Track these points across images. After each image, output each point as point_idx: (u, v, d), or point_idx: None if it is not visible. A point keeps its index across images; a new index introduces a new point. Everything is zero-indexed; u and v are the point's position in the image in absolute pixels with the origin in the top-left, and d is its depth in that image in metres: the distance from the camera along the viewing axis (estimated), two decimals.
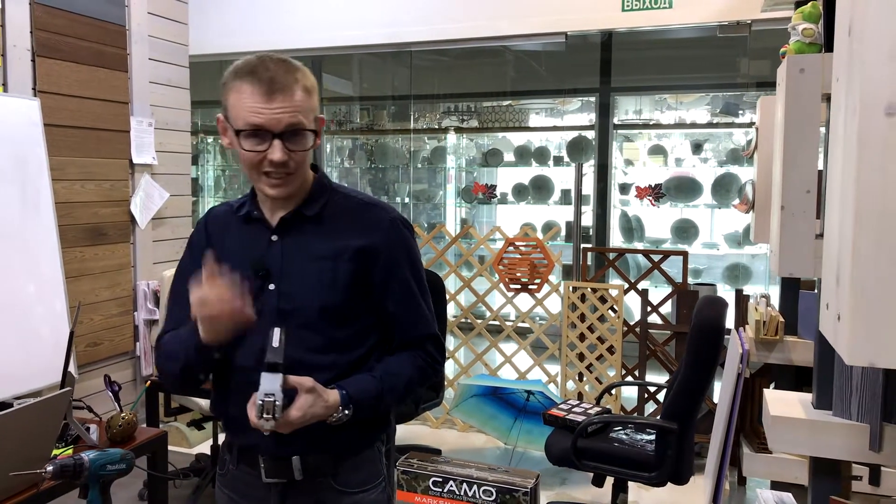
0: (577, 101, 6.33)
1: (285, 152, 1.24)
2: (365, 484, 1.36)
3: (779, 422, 1.98)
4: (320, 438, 1.30)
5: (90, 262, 3.67)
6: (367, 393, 1.29)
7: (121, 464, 1.27)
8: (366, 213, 1.36)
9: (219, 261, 1.32)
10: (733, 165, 5.69)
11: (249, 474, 1.35)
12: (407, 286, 1.37)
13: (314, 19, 4.60)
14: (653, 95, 5.98)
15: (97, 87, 3.66)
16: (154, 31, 4.03)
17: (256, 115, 1.22)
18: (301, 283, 1.31)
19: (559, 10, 3.74)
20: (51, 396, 1.52)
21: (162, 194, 4.07)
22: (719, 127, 5.75)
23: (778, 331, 2.93)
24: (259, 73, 1.22)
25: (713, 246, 5.94)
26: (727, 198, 5.71)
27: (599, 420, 2.74)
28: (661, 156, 5.91)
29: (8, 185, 3.07)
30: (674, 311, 3.79)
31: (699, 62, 5.28)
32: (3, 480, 1.52)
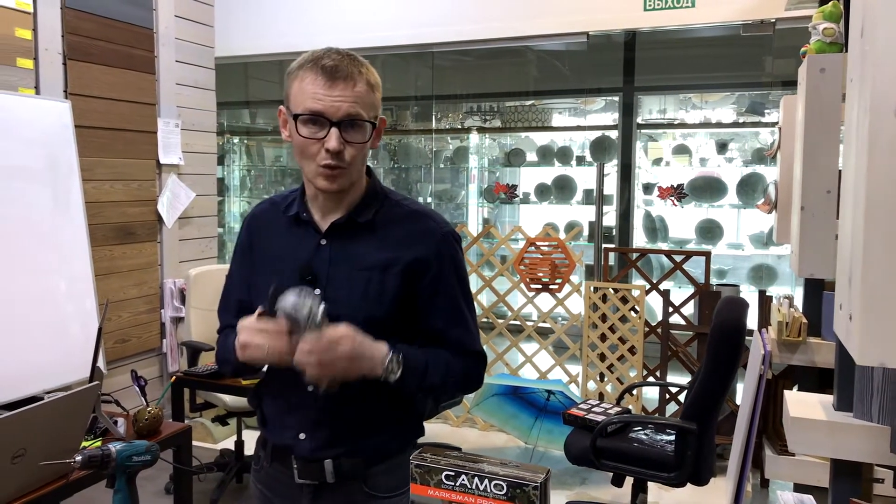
0: (601, 101, 6.30)
1: (341, 142, 1.21)
2: (395, 489, 1.34)
3: (798, 423, 1.97)
4: (354, 442, 1.31)
5: (119, 261, 3.75)
6: (415, 357, 1.28)
7: (146, 455, 1.30)
8: (418, 225, 1.34)
9: (263, 263, 1.36)
10: (759, 165, 5.63)
11: (282, 473, 1.36)
12: (455, 302, 1.35)
13: (336, 21, 4.65)
14: (677, 95, 5.94)
15: (126, 89, 3.74)
16: (181, 34, 4.11)
17: (316, 100, 1.20)
18: (348, 291, 1.29)
19: (581, 9, 3.74)
20: (79, 390, 1.57)
21: (188, 194, 4.15)
22: (745, 126, 5.69)
23: (801, 332, 2.91)
24: (323, 61, 1.21)
25: (738, 246, 5.88)
26: (753, 198, 5.65)
27: (618, 420, 2.74)
28: (685, 155, 5.87)
29: (40, 185, 3.15)
30: (696, 311, 3.76)
31: (724, 61, 5.23)
32: (36, 470, 1.57)
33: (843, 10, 1.90)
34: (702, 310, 3.66)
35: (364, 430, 1.30)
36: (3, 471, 1.47)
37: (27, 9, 3.21)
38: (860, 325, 0.96)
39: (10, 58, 3.16)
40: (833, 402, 2.04)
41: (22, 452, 1.48)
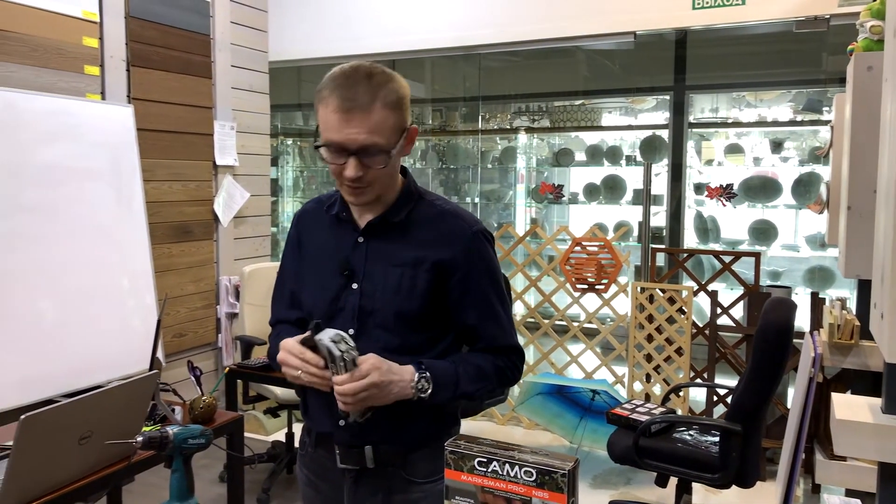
0: (651, 100, 6.24)
1: (360, 168, 1.28)
2: (432, 475, 1.40)
3: (844, 426, 1.95)
4: (393, 430, 1.37)
5: (177, 258, 3.92)
6: (444, 371, 1.33)
7: (200, 439, 1.39)
8: (448, 224, 1.39)
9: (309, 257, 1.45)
10: (816, 164, 5.49)
11: (326, 458, 1.43)
12: (487, 300, 1.40)
13: (386, 25, 4.73)
14: (730, 93, 5.83)
15: (184, 93, 3.90)
16: (236, 40, 4.25)
17: (335, 132, 1.27)
18: (382, 285, 1.36)
19: (628, 9, 3.72)
20: (140, 378, 1.67)
21: (243, 194, 4.29)
22: (801, 125, 5.55)
23: (853, 335, 2.85)
24: (344, 89, 1.26)
25: (794, 248, 5.75)
26: (808, 198, 5.51)
27: (662, 420, 2.74)
28: (738, 155, 5.76)
29: (106, 186, 3.32)
30: (745, 313, 3.71)
31: (778, 58, 5.12)
32: (101, 451, 1.68)
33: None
34: (751, 311, 3.61)
35: (401, 418, 1.35)
36: (71, 451, 1.58)
37: (94, 18, 3.39)
38: (890, 323, 0.97)
39: (79, 65, 3.33)
40: (882, 404, 2.00)
41: (89, 434, 1.58)
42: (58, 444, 1.54)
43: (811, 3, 3.31)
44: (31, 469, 1.49)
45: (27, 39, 3.10)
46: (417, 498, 1.39)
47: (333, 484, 1.44)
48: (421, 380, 1.30)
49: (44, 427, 1.47)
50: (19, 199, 2.94)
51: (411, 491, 1.39)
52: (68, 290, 3.07)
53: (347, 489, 1.42)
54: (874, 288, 1.18)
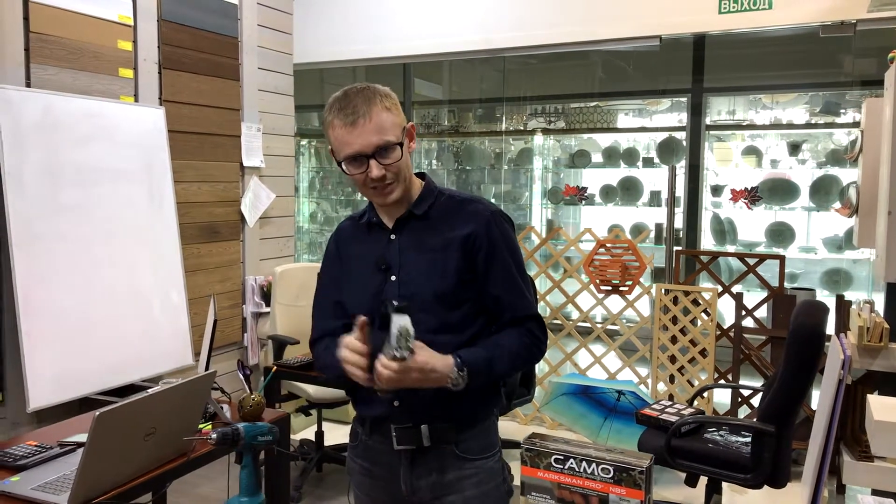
0: (667, 102, 6.26)
1: (381, 167, 1.43)
2: (484, 452, 1.50)
3: (882, 427, 1.98)
4: (444, 408, 1.46)
5: (205, 258, 3.96)
6: (479, 358, 1.44)
7: (268, 436, 1.43)
8: (467, 207, 1.54)
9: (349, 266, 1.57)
10: (833, 167, 5.51)
11: (381, 443, 1.52)
12: (508, 271, 1.52)
13: (407, 28, 4.78)
14: (747, 95, 5.85)
15: (213, 95, 3.95)
16: (263, 42, 4.30)
17: (348, 145, 1.42)
18: (417, 272, 1.49)
19: (654, 13, 3.75)
20: (199, 377, 1.71)
21: (269, 195, 4.34)
22: (818, 127, 5.57)
23: (882, 337, 2.88)
24: (344, 108, 1.42)
25: (811, 250, 5.76)
26: (826, 200, 5.53)
27: (694, 420, 2.77)
28: (755, 157, 5.78)
29: (138, 185, 3.37)
30: (769, 315, 3.74)
31: (795, 60, 5.14)
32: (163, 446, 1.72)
33: None
34: (775, 313, 3.64)
35: (447, 396, 1.43)
36: (138, 447, 1.62)
37: (128, 22, 3.44)
38: None
39: (113, 68, 3.38)
40: None
41: (153, 430, 1.63)
42: (126, 439, 1.58)
43: (839, 8, 3.33)
44: (101, 464, 1.54)
45: (66, 43, 3.15)
46: (470, 474, 1.48)
47: (388, 468, 1.52)
48: (458, 378, 1.40)
49: (116, 423, 1.51)
50: (58, 199, 2.99)
51: (465, 468, 1.48)
52: (103, 290, 3.11)
53: (404, 470, 1.50)
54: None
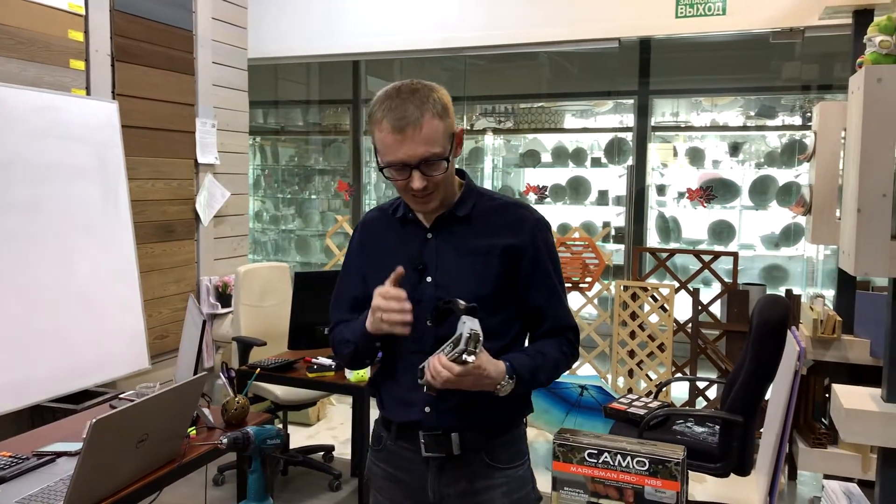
0: (610, 103, 6.40)
1: (423, 179, 1.37)
2: (513, 461, 1.47)
3: (852, 415, 2.08)
4: (476, 416, 1.43)
5: (160, 258, 3.83)
6: (526, 367, 1.42)
7: (276, 439, 1.39)
8: (511, 214, 1.49)
9: (377, 258, 1.51)
10: (771, 167, 5.77)
11: (408, 449, 1.47)
12: (550, 282, 1.50)
13: (365, 24, 4.73)
14: (689, 98, 6.05)
15: (167, 89, 3.81)
16: (217, 36, 4.18)
17: (394, 153, 1.36)
18: (456, 275, 1.44)
19: (613, 16, 3.84)
20: (190, 381, 1.65)
21: (224, 193, 4.22)
22: (761, 129, 5.80)
23: (835, 329, 3.03)
24: (394, 109, 1.35)
25: (750, 247, 6.00)
26: (764, 200, 5.78)
27: (665, 412, 2.85)
28: (697, 158, 5.99)
29: (91, 183, 3.23)
30: (723, 310, 3.88)
31: (737, 65, 5.35)
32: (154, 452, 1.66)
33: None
34: (730, 308, 3.78)
35: (483, 403, 1.40)
36: (130, 454, 1.55)
37: (80, 11, 3.28)
38: None
39: (64, 59, 3.23)
40: (882, 394, 2.15)
41: (145, 437, 1.56)
42: (120, 446, 1.51)
43: (790, 15, 3.48)
44: (95, 473, 1.46)
45: (13, 32, 2.99)
46: (500, 483, 1.45)
47: (415, 474, 1.48)
48: (507, 384, 1.37)
49: (111, 430, 1.44)
50: (5, 196, 2.83)
51: (494, 476, 1.45)
52: (53, 292, 2.97)
53: (431, 477, 1.46)
54: None
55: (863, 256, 2.02)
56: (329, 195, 7.10)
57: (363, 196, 6.53)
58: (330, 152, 6.94)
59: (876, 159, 2.00)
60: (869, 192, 2.01)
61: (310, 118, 6.92)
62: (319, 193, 7.15)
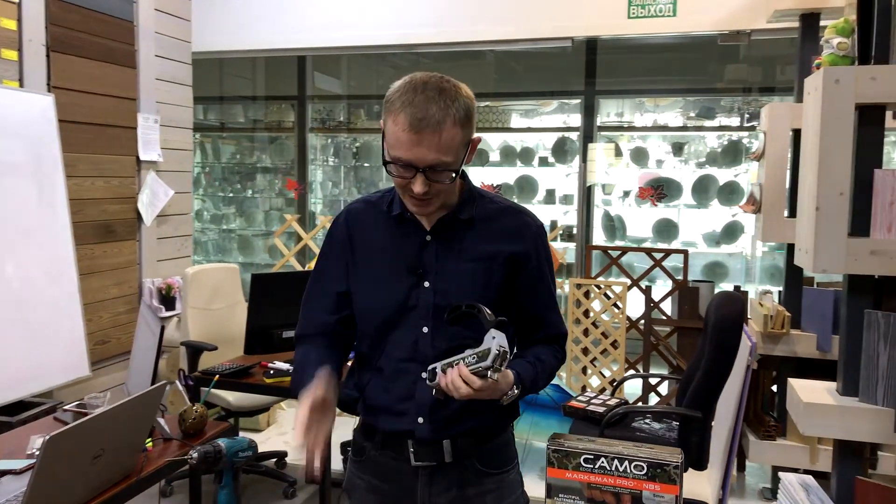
0: (555, 103, 6.46)
1: (426, 185, 1.29)
2: (504, 465, 1.43)
3: (811, 409, 2.13)
4: (470, 423, 1.38)
5: (100, 260, 3.65)
6: (529, 375, 1.38)
7: (248, 451, 1.32)
8: (514, 219, 1.44)
9: (366, 255, 1.42)
10: (712, 167, 5.93)
11: (394, 458, 1.41)
12: (550, 291, 1.47)
13: (312, 19, 4.62)
14: (633, 98, 6.16)
15: (107, 83, 3.63)
16: (160, 28, 4.01)
17: (404, 150, 1.27)
18: (457, 282, 1.38)
19: (567, 16, 3.86)
20: (149, 391, 1.55)
21: (167, 191, 4.06)
22: (707, 130, 5.95)
23: (784, 324, 3.11)
24: (416, 105, 1.25)
25: (692, 245, 6.15)
26: (706, 198, 5.94)
27: (626, 409, 2.87)
28: (642, 157, 6.11)
29: (25, 181, 3.04)
30: (674, 307, 3.94)
31: (680, 67, 5.47)
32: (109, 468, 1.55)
33: (854, 26, 2.06)
34: (681, 305, 3.84)
35: (476, 410, 1.36)
36: (85, 471, 1.44)
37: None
38: None
39: None
40: (838, 387, 2.21)
41: (101, 452, 1.45)
42: (74, 464, 1.40)
43: (737, 18, 3.57)
44: (48, 493, 1.35)
45: None
46: (491, 488, 1.41)
47: (402, 484, 1.41)
48: (514, 394, 1.33)
49: (65, 447, 1.34)
50: None
51: (485, 482, 1.41)
52: None
53: (421, 486, 1.40)
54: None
55: (821, 254, 2.07)
56: (273, 194, 6.94)
57: (308, 195, 6.40)
58: (273, 150, 6.78)
59: (834, 159, 2.05)
60: (827, 191, 2.06)
61: (251, 114, 6.75)
62: (262, 192, 6.98)
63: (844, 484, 2.14)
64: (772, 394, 3.42)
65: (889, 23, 2.02)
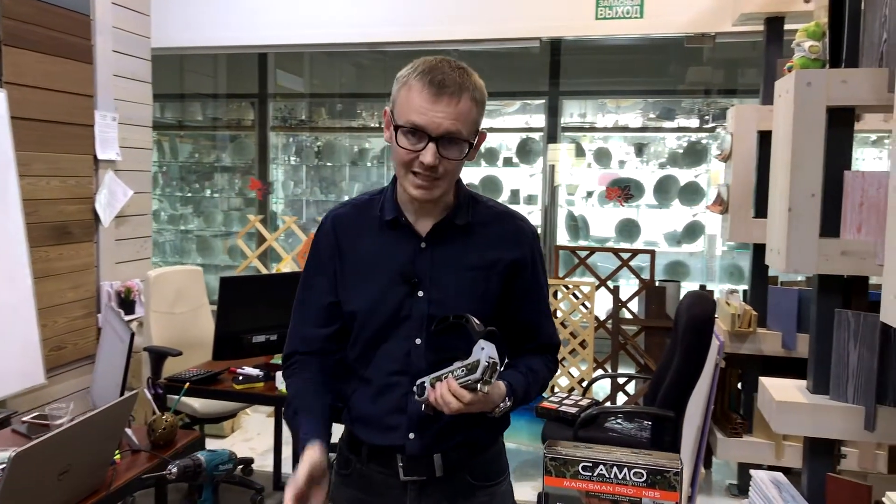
0: (517, 103, 6.48)
1: (437, 157, 1.24)
2: (496, 477, 1.40)
3: (784, 407, 2.16)
4: (461, 436, 1.34)
5: (55, 262, 3.50)
6: (521, 386, 1.34)
7: (228, 464, 1.27)
8: (510, 225, 1.39)
9: (356, 265, 1.36)
10: (673, 168, 6.02)
11: (382, 473, 1.35)
12: (544, 298, 1.44)
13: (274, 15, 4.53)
14: (595, 99, 6.22)
15: (63, 79, 3.49)
16: (118, 23, 3.88)
17: (419, 114, 1.22)
18: (453, 292, 1.32)
19: (535, 16, 3.85)
20: (118, 401, 1.48)
21: (126, 192, 3.93)
22: (665, 131, 6.03)
23: (751, 323, 3.15)
24: (433, 73, 1.23)
25: (653, 244, 6.23)
26: (667, 198, 6.03)
27: (599, 410, 2.87)
28: (604, 158, 6.17)
29: None
30: (642, 306, 3.98)
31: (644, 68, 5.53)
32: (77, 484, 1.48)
33: (825, 30, 2.09)
34: (648, 304, 3.88)
35: (468, 422, 1.32)
36: (51, 488, 1.36)
37: None
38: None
39: None
40: (808, 385, 2.24)
41: (68, 468, 1.38)
42: (40, 481, 1.32)
43: (703, 21, 3.61)
44: None
45: None
46: (482, 501, 1.38)
47: (390, 498, 1.36)
48: (505, 406, 1.30)
49: (31, 463, 1.26)
50: None
51: (477, 495, 1.37)
52: None
53: (410, 501, 1.35)
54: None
55: (794, 254, 2.10)
56: (233, 193, 6.81)
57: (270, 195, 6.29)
58: (233, 149, 6.65)
59: (805, 160, 2.07)
60: (799, 192, 2.08)
61: (210, 112, 6.61)
62: (222, 192, 6.84)
63: (816, 480, 2.17)
64: (738, 392, 3.47)
65: (858, 27, 2.06)
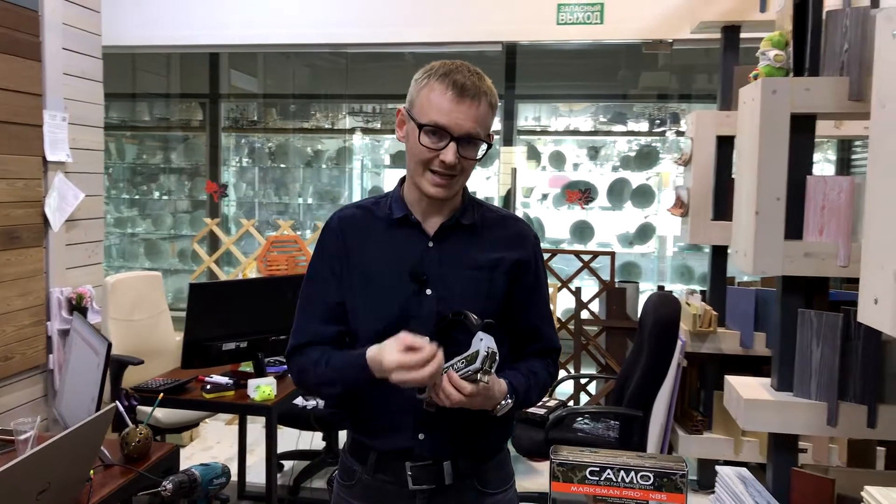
0: None
1: (457, 156, 1.28)
2: (503, 483, 1.40)
3: (751, 404, 2.22)
4: (470, 441, 1.34)
5: (2, 269, 3.34)
6: (522, 387, 1.35)
7: (222, 477, 1.24)
8: (512, 228, 1.43)
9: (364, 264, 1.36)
10: (626, 171, 6.16)
11: (389, 483, 1.34)
12: (546, 302, 1.47)
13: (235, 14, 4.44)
14: (549, 103, 6.32)
15: (9, 77, 3.34)
16: (68, 19, 3.73)
17: (442, 114, 1.27)
18: (460, 290, 1.34)
19: (498, 20, 3.88)
20: (96, 416, 1.42)
21: (77, 194, 3.78)
22: (617, 135, 6.16)
23: (711, 323, 3.24)
24: (455, 76, 1.28)
25: (606, 245, 6.36)
26: (620, 200, 6.16)
27: (568, 411, 2.91)
28: (559, 161, 6.27)
29: None
30: (603, 307, 4.04)
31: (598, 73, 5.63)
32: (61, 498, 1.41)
33: (789, 39, 2.16)
34: (609, 305, 3.94)
35: (476, 427, 1.33)
36: None
37: None
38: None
39: None
40: (773, 383, 2.32)
41: (46, 486, 1.32)
42: (18, 501, 1.26)
43: (662, 27, 3.70)
44: None
45: None
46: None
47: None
48: (507, 405, 1.30)
49: (9, 485, 1.19)
50: None
51: (486, 502, 1.37)
52: None
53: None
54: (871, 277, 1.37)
55: (760, 256, 2.16)
56: (182, 195, 6.64)
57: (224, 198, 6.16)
58: (182, 150, 6.49)
59: (771, 165, 2.14)
60: (765, 196, 2.15)
61: (159, 112, 6.43)
62: (171, 194, 6.66)
63: (781, 475, 2.24)
64: (698, 390, 3.56)
65: (820, 37, 2.14)
